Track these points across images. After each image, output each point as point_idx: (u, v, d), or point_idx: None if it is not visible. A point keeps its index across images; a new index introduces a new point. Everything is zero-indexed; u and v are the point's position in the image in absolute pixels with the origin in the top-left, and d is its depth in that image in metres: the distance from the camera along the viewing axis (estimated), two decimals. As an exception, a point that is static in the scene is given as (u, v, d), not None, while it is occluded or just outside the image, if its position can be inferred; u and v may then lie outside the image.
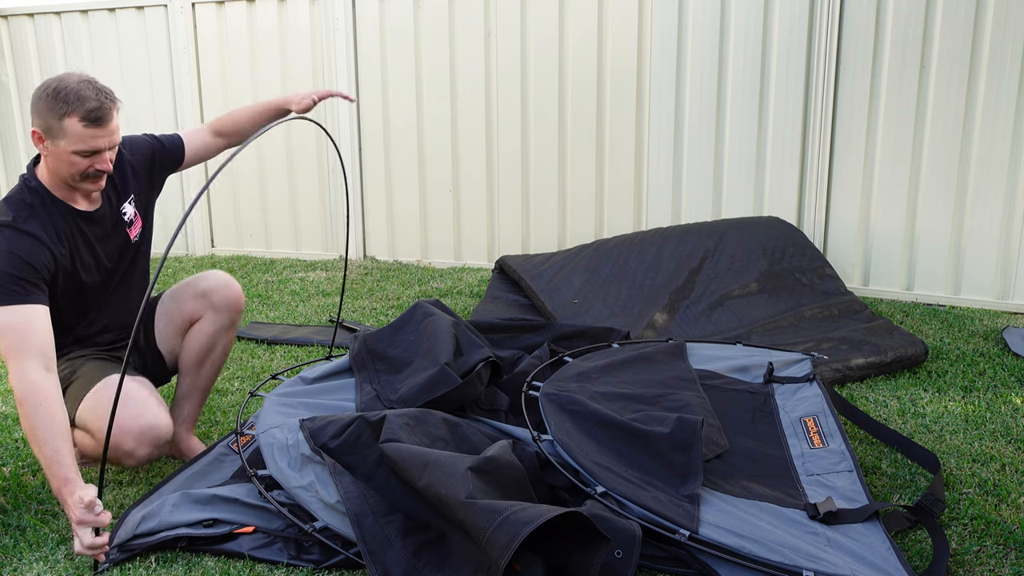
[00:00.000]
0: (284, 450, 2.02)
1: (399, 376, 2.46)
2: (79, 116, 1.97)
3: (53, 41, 5.68)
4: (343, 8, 4.97)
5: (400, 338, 2.62)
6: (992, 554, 1.81)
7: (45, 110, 1.98)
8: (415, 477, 1.76)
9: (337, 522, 1.82)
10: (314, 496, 1.87)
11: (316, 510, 1.85)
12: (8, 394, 2.97)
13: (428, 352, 2.46)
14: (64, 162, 2.02)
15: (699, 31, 4.31)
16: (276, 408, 2.29)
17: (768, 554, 1.65)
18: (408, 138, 5.03)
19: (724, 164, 4.40)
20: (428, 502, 1.76)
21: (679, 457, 1.96)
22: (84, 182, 2.08)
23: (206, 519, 1.89)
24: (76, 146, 1.99)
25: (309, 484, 1.89)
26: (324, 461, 1.92)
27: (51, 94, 1.97)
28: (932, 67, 3.89)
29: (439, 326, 2.56)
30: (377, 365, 2.55)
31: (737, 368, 2.72)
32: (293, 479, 1.92)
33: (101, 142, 2.03)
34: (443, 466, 1.73)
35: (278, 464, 1.98)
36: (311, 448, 1.97)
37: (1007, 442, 2.39)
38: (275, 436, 2.09)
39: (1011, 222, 3.86)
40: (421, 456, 1.80)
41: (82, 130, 1.98)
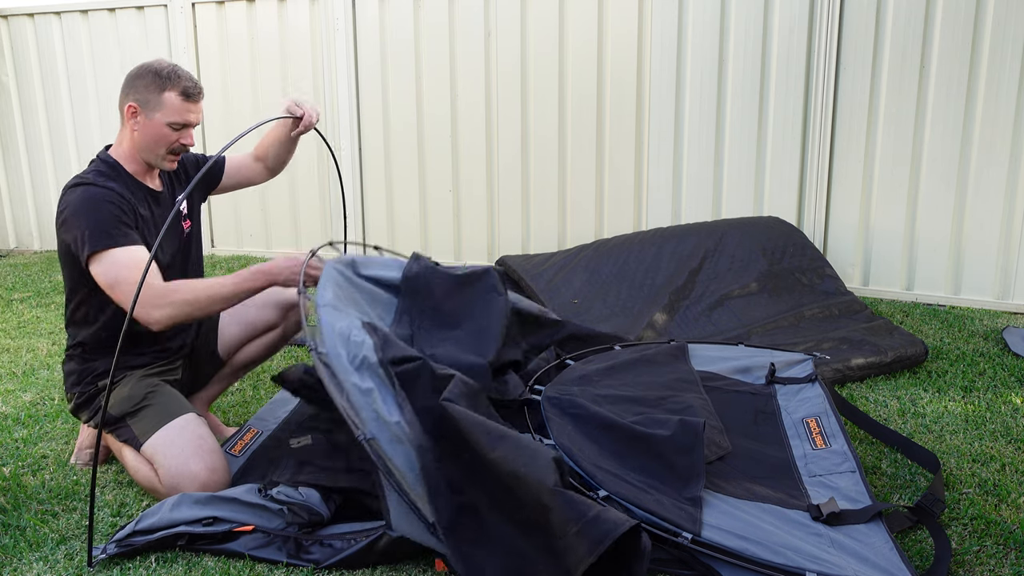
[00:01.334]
0: (346, 341, 1.92)
1: (439, 334, 2.36)
2: (178, 91, 2.18)
3: (53, 41, 5.68)
4: (343, 8, 4.97)
5: (459, 295, 2.47)
6: (992, 554, 1.81)
7: (144, 86, 2.17)
8: (487, 447, 1.71)
9: (386, 440, 1.76)
10: (370, 404, 1.80)
11: (367, 419, 1.79)
12: (8, 394, 2.97)
13: (478, 333, 2.36)
14: (154, 134, 2.19)
15: (699, 31, 4.31)
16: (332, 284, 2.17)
17: (771, 556, 1.65)
18: (408, 138, 5.03)
19: (724, 164, 4.40)
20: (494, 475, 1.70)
21: (681, 460, 1.95)
22: (166, 158, 2.24)
23: (205, 517, 1.89)
24: (171, 117, 2.18)
25: (369, 390, 1.82)
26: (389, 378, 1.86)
27: (152, 72, 2.18)
28: (932, 67, 3.89)
29: (498, 311, 2.44)
30: (424, 306, 2.42)
31: (739, 369, 2.71)
32: (352, 375, 1.85)
33: (192, 117, 2.22)
34: (524, 446, 1.70)
35: (338, 350, 1.89)
36: (378, 358, 1.89)
37: (1007, 442, 2.40)
38: (336, 319, 1.98)
39: (1011, 222, 3.86)
40: (496, 428, 1.76)
41: (179, 103, 2.18)
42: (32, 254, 5.95)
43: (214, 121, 5.46)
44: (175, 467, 2.03)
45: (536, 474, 1.62)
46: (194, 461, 2.04)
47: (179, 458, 2.04)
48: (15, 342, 3.66)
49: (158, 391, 2.23)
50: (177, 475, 2.03)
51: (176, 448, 2.06)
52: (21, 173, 5.94)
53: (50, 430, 2.63)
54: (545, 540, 1.61)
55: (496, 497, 1.71)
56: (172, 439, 2.08)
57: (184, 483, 2.02)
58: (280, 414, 2.50)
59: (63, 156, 5.85)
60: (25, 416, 2.74)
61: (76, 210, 2.10)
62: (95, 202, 2.10)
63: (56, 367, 3.27)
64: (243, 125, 5.37)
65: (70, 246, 2.12)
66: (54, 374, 3.19)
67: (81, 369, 2.27)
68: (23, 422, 2.70)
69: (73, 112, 5.75)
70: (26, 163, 5.92)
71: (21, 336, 3.76)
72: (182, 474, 2.03)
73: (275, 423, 2.44)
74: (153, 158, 2.24)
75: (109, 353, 2.23)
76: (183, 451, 2.05)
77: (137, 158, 2.25)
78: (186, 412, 2.17)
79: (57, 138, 5.83)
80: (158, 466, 2.07)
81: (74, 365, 2.29)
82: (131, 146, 2.23)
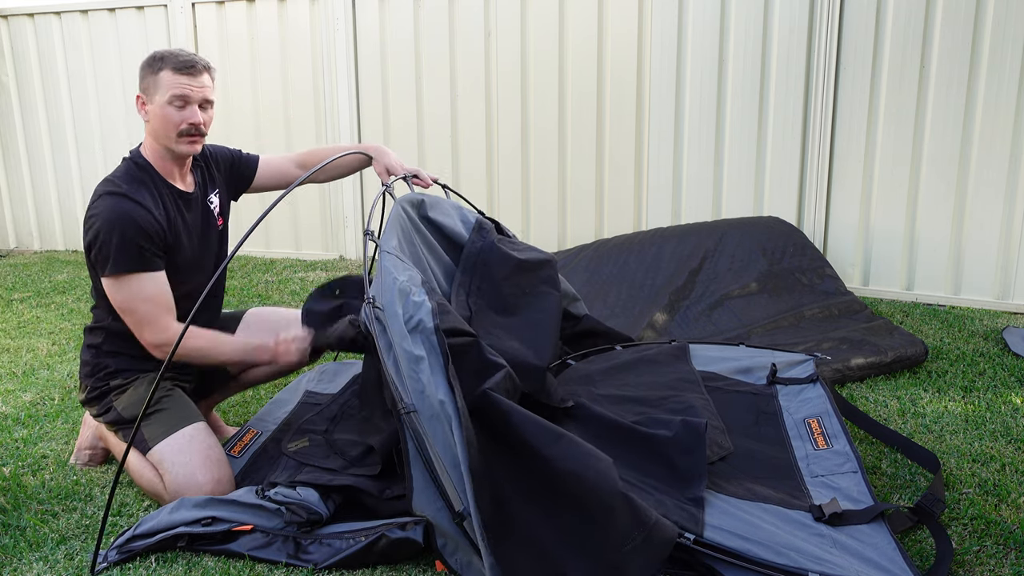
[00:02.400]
0: (405, 299, 1.82)
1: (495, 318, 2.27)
2: (171, 66, 2.15)
3: (53, 41, 5.68)
4: (343, 8, 4.97)
5: (518, 280, 2.39)
6: (992, 554, 1.81)
7: (144, 74, 2.17)
8: (541, 444, 1.67)
9: (427, 417, 1.68)
10: (416, 375, 1.70)
11: (412, 389, 1.70)
12: (8, 394, 2.97)
13: (535, 327, 2.29)
14: (161, 117, 2.15)
15: (699, 31, 4.31)
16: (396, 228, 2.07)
17: (773, 556, 1.65)
18: (408, 138, 5.03)
19: (724, 164, 4.40)
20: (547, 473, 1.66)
21: (683, 460, 1.95)
22: (181, 142, 2.18)
23: (204, 517, 1.89)
24: (169, 93, 2.14)
25: (419, 359, 1.72)
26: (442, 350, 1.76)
27: (150, 58, 2.18)
28: (932, 67, 3.89)
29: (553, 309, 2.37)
30: (483, 285, 2.34)
31: (740, 369, 2.71)
32: (404, 339, 1.75)
33: (190, 91, 2.16)
34: (582, 447, 1.67)
35: (396, 308, 1.80)
36: (435, 324, 1.79)
37: (1007, 442, 2.39)
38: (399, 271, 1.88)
39: (1011, 222, 3.85)
40: (551, 426, 1.72)
41: (172, 77, 2.14)
42: (32, 254, 5.94)
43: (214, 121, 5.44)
44: (182, 476, 2.04)
45: (601, 476, 1.61)
46: (201, 472, 2.04)
47: (187, 467, 2.05)
48: (15, 342, 3.65)
49: (171, 396, 2.23)
50: (184, 484, 2.03)
51: (185, 456, 2.06)
52: (21, 173, 5.94)
53: (50, 430, 2.63)
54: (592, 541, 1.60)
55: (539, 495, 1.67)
56: (182, 447, 2.08)
57: (189, 492, 2.02)
58: (279, 415, 2.50)
59: (63, 156, 5.85)
60: (25, 416, 2.74)
61: (103, 224, 2.06)
62: (122, 221, 2.06)
63: (56, 367, 3.27)
64: (243, 125, 5.38)
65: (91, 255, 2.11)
66: (54, 374, 3.19)
67: (95, 363, 2.26)
68: (23, 422, 2.70)
69: (73, 112, 5.75)
70: (26, 163, 5.92)
71: (21, 336, 3.76)
72: (188, 483, 2.03)
73: (274, 424, 2.44)
74: (171, 145, 2.19)
75: (122, 354, 2.24)
76: (191, 460, 2.06)
77: (162, 154, 2.21)
78: (197, 420, 2.17)
79: (57, 138, 5.83)
80: (164, 472, 2.07)
81: (89, 356, 2.28)
82: (152, 140, 2.21)
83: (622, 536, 1.56)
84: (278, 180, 2.58)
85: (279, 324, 2.44)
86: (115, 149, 5.67)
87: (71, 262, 5.52)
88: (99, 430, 2.33)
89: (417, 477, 1.70)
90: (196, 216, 2.31)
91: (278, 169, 2.57)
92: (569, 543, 1.63)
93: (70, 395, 2.95)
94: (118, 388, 2.24)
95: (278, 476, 2.06)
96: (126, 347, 2.23)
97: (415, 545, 1.78)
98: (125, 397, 2.22)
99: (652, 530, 1.59)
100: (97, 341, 2.27)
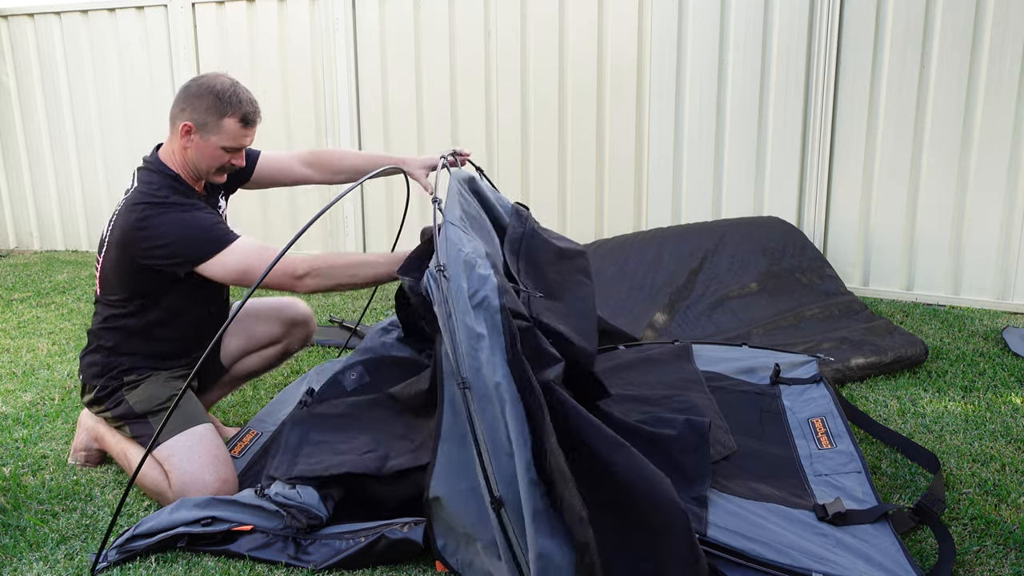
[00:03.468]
0: (470, 271, 1.73)
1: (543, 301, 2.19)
2: (238, 117, 2.16)
3: (53, 41, 5.68)
4: (343, 8, 4.97)
5: (558, 268, 2.34)
6: (992, 554, 1.81)
7: (205, 108, 2.15)
8: (605, 449, 1.63)
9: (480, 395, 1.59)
10: (475, 352, 1.62)
11: (467, 366, 1.61)
12: (8, 394, 2.97)
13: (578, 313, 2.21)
14: (208, 155, 2.19)
15: (699, 31, 4.31)
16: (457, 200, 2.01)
17: (776, 556, 1.65)
18: (408, 137, 5.03)
19: (724, 164, 4.40)
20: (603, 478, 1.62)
21: (687, 459, 1.95)
22: (216, 174, 2.25)
23: (204, 517, 1.89)
24: (227, 143, 2.18)
25: (480, 336, 1.63)
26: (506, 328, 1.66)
27: (214, 94, 2.14)
28: (932, 67, 3.89)
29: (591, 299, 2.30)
30: (528, 269, 2.28)
31: (743, 369, 2.71)
32: (467, 312, 1.66)
33: (247, 141, 2.24)
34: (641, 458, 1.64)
35: (460, 281, 1.70)
36: (500, 304, 1.69)
37: (1007, 442, 2.40)
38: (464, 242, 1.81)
39: (1011, 222, 3.86)
40: (611, 432, 1.67)
41: (238, 130, 2.18)
42: (32, 254, 5.94)
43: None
44: (189, 475, 2.04)
45: (663, 489, 1.59)
46: (208, 471, 2.05)
47: (194, 465, 2.06)
48: (15, 342, 3.65)
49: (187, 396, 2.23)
50: (190, 483, 2.04)
51: (194, 455, 2.07)
52: (21, 173, 5.94)
53: (50, 430, 2.63)
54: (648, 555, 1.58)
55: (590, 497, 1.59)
56: (191, 445, 2.09)
57: (194, 491, 2.02)
58: (280, 416, 2.49)
59: (63, 156, 5.84)
60: (25, 416, 2.74)
61: (178, 233, 2.10)
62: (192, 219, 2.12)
63: (56, 367, 3.27)
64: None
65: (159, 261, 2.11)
66: (54, 374, 3.19)
67: (106, 362, 2.25)
68: (23, 422, 2.70)
69: (73, 112, 5.75)
70: (26, 163, 5.92)
71: (21, 336, 3.76)
72: (195, 482, 2.04)
73: (274, 425, 2.43)
74: (203, 173, 2.24)
75: (137, 353, 2.26)
76: (199, 459, 2.07)
77: (189, 169, 2.24)
78: (205, 421, 2.18)
79: (57, 138, 5.83)
80: (171, 469, 2.07)
81: (98, 357, 2.27)
82: (183, 160, 2.22)
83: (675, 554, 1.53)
84: (280, 177, 2.55)
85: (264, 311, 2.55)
86: (115, 149, 5.67)
87: (71, 262, 5.52)
88: (94, 431, 2.33)
89: (445, 454, 1.65)
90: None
91: (281, 165, 2.54)
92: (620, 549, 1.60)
93: (70, 395, 2.95)
94: (131, 384, 2.24)
95: (276, 467, 2.02)
96: (142, 346, 2.25)
97: (415, 546, 1.78)
98: (138, 392, 2.22)
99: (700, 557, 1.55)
100: (109, 343, 2.26)
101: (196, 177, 2.27)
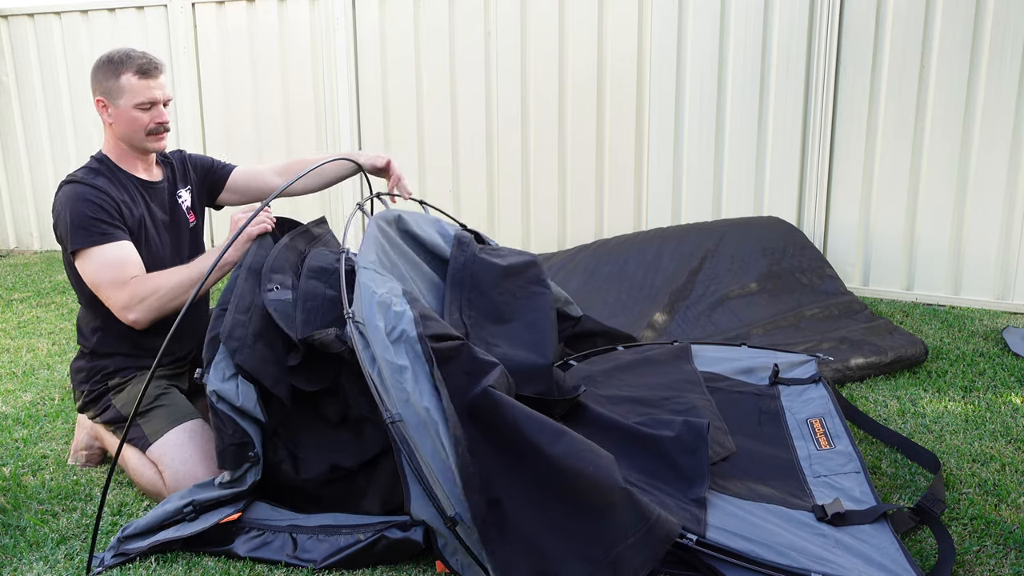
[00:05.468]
0: (386, 310, 1.83)
1: (492, 328, 2.27)
2: (133, 71, 2.20)
3: (53, 41, 5.68)
4: (343, 8, 4.97)
5: (506, 286, 2.39)
6: (992, 554, 1.81)
7: (104, 76, 2.21)
8: (546, 441, 1.67)
9: (413, 425, 1.68)
10: (401, 384, 1.71)
11: (397, 399, 1.70)
12: (8, 394, 2.97)
13: (532, 327, 2.29)
14: (128, 121, 2.22)
15: (699, 31, 4.31)
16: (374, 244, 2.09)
17: (776, 557, 1.65)
18: (408, 137, 5.03)
19: (724, 164, 4.40)
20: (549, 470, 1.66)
21: (686, 460, 1.95)
22: (150, 140, 2.27)
23: (185, 505, 1.88)
24: (135, 99, 2.20)
25: (402, 368, 1.73)
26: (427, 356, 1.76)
27: (103, 62, 2.22)
28: (932, 67, 3.89)
29: (547, 307, 2.37)
30: (473, 297, 2.34)
31: (742, 370, 2.71)
32: (386, 350, 1.75)
33: (156, 93, 2.23)
34: (586, 443, 1.67)
35: (375, 320, 1.80)
36: (418, 333, 1.79)
37: (1007, 442, 2.40)
38: (377, 284, 1.90)
39: (1011, 222, 3.85)
40: (553, 423, 1.72)
41: (138, 83, 2.20)
42: (32, 254, 5.94)
43: (214, 121, 5.46)
44: (183, 471, 2.06)
45: (602, 471, 1.61)
46: (200, 467, 2.06)
47: (188, 462, 2.07)
48: (15, 342, 3.65)
49: (169, 394, 2.25)
50: (184, 479, 2.04)
51: (186, 451, 2.08)
52: (21, 173, 5.94)
53: (50, 430, 2.63)
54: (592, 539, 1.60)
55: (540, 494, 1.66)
56: (183, 442, 2.10)
57: (189, 486, 2.02)
58: None
59: (63, 156, 5.84)
60: (25, 416, 2.74)
61: (61, 208, 2.16)
62: (77, 200, 2.14)
63: (56, 367, 3.27)
64: (243, 124, 5.38)
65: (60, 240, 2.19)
66: (54, 374, 3.19)
67: (91, 367, 2.28)
68: (23, 422, 2.70)
69: (73, 112, 5.75)
70: (26, 163, 5.92)
71: (21, 336, 3.76)
72: (188, 478, 2.04)
73: None
74: (141, 144, 2.27)
75: (118, 354, 2.27)
76: (192, 455, 2.08)
77: (124, 149, 2.28)
78: (196, 417, 2.18)
79: (57, 138, 5.83)
80: (165, 467, 2.08)
81: (83, 363, 2.31)
82: (114, 139, 2.27)
83: (623, 531, 1.56)
84: (254, 187, 2.61)
85: None
86: (115, 149, 5.67)
87: (71, 262, 5.52)
88: (94, 430, 2.34)
89: (413, 487, 1.71)
90: (162, 205, 2.36)
91: (254, 175, 2.62)
92: (568, 542, 1.62)
93: (70, 395, 2.95)
94: (116, 387, 2.26)
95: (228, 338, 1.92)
96: (122, 346, 2.26)
97: (415, 546, 1.78)
98: (123, 395, 2.24)
99: (654, 525, 1.60)
100: (89, 347, 2.29)
101: (140, 154, 2.29)
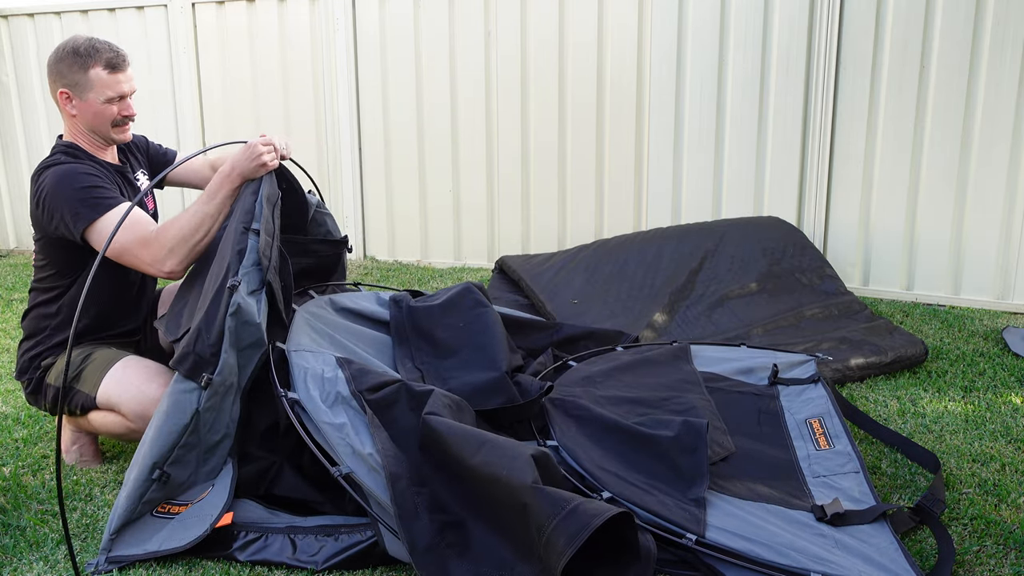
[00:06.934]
0: (319, 380, 1.94)
1: (445, 363, 2.37)
2: (102, 65, 2.18)
3: (53, 41, 5.67)
4: (343, 8, 4.97)
5: (448, 321, 2.49)
6: (992, 554, 1.81)
7: (69, 69, 2.18)
8: (469, 453, 1.71)
9: (364, 472, 1.77)
10: (344, 439, 1.81)
11: (343, 454, 1.80)
12: (8, 394, 2.97)
13: (481, 348, 2.38)
14: (94, 114, 2.21)
15: (699, 31, 4.31)
16: (305, 328, 2.20)
17: (775, 557, 1.65)
18: (408, 137, 5.03)
19: (724, 164, 4.40)
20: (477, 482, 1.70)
21: (685, 460, 1.96)
22: (115, 131, 2.27)
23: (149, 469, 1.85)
24: (104, 94, 2.19)
25: (341, 425, 1.83)
26: (361, 408, 1.87)
27: (68, 53, 2.17)
28: (932, 67, 3.89)
29: (492, 323, 2.47)
30: (420, 343, 2.44)
31: (742, 370, 2.71)
32: (324, 414, 1.86)
33: (124, 87, 2.23)
34: (503, 448, 1.70)
35: (310, 391, 1.92)
36: (351, 390, 1.91)
37: (1007, 442, 2.40)
38: (308, 361, 2.01)
39: (1011, 222, 3.85)
40: (477, 435, 1.76)
41: (107, 77, 2.19)
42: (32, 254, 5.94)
43: (214, 120, 5.46)
44: (134, 397, 2.09)
45: (515, 474, 1.61)
46: (147, 386, 2.10)
47: (134, 387, 2.10)
48: (15, 342, 3.65)
49: (92, 352, 2.26)
50: (138, 404, 2.08)
51: (127, 381, 2.12)
52: (21, 173, 5.94)
53: (50, 430, 2.62)
54: (526, 542, 1.60)
55: (478, 506, 1.70)
56: (119, 377, 2.14)
57: (148, 407, 2.04)
58: None
59: (63, 156, 5.84)
60: (25, 416, 2.74)
61: (54, 190, 2.12)
62: (68, 178, 2.13)
63: (56, 367, 3.27)
64: (243, 124, 5.38)
65: (56, 228, 2.15)
66: (54, 374, 3.19)
67: (31, 354, 2.31)
68: (23, 422, 2.70)
69: (73, 112, 5.75)
70: (26, 163, 5.92)
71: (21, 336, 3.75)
72: (142, 400, 2.07)
73: None
74: (106, 135, 2.27)
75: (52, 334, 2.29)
76: (134, 381, 2.11)
77: (89, 138, 2.28)
78: (125, 356, 2.21)
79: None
80: (118, 405, 2.11)
81: (24, 358, 2.33)
82: (76, 129, 2.26)
83: (540, 525, 1.53)
84: (190, 181, 2.62)
85: None
86: (115, 149, 5.67)
87: (71, 262, 5.52)
88: (72, 422, 2.34)
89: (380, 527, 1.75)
90: (127, 188, 2.37)
91: (194, 166, 2.61)
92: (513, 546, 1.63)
93: (70, 395, 2.95)
94: (48, 367, 2.28)
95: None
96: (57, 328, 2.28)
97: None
98: (53, 370, 2.26)
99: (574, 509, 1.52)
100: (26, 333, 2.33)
101: (104, 143, 2.29)
